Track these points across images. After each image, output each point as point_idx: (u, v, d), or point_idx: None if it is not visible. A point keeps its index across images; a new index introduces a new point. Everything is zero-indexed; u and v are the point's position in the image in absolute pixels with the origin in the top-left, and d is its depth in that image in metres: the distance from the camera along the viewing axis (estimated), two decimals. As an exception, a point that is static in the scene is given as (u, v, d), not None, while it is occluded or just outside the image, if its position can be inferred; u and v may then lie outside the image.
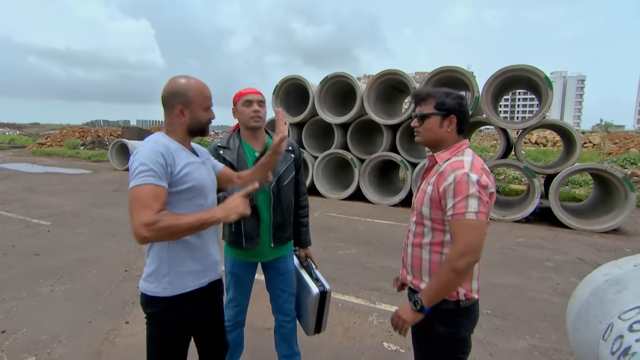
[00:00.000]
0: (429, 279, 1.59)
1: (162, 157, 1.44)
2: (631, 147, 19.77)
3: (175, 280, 1.56)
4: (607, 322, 1.90)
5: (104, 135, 26.82)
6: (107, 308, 3.46)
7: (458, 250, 1.44)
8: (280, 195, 2.13)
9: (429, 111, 1.59)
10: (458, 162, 1.52)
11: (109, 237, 5.64)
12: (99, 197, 8.70)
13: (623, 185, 6.89)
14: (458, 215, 1.44)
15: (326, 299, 2.18)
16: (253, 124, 2.06)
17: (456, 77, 8.30)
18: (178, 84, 1.57)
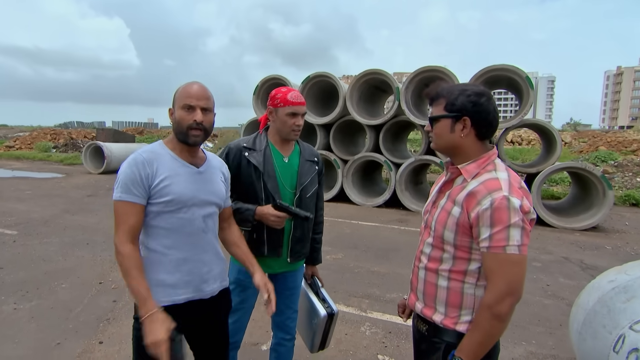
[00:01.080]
0: (444, 309, 1.35)
1: (137, 169, 1.43)
2: (600, 145, 20.45)
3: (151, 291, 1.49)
4: (618, 333, 1.81)
5: (78, 138, 25.85)
6: (78, 326, 3.19)
7: (498, 291, 1.21)
8: (302, 207, 1.94)
9: (438, 113, 1.35)
10: (493, 181, 1.25)
11: (82, 246, 5.31)
12: (72, 203, 8.27)
13: (601, 183, 7.01)
14: (497, 248, 1.20)
15: (333, 321, 2.05)
16: (293, 136, 1.93)
17: (438, 77, 8.27)
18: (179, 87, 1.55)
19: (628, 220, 7.83)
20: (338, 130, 9.25)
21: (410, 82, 8.38)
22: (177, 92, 1.51)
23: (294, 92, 1.90)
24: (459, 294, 1.33)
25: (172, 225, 1.49)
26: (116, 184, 1.44)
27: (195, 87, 1.50)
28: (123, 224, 1.41)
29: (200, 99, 1.48)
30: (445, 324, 1.35)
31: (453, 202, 1.32)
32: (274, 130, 1.96)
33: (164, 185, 1.46)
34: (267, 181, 1.88)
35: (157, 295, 1.47)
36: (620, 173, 12.07)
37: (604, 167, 12.90)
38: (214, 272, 1.61)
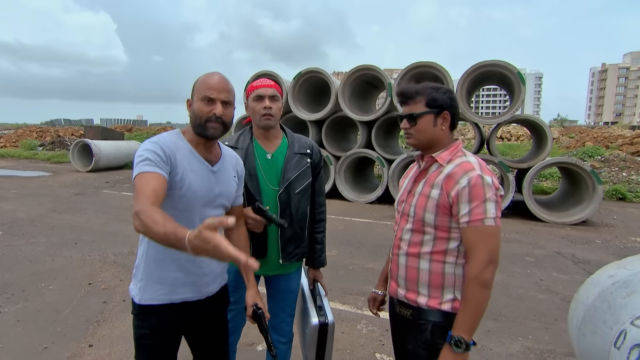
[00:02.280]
0: (427, 291, 1.44)
1: (160, 148, 1.35)
2: (587, 141, 20.76)
3: (146, 288, 1.45)
4: (619, 329, 1.80)
5: (65, 135, 25.40)
6: (66, 329, 3.09)
7: (482, 261, 1.32)
8: (291, 205, 1.86)
9: (420, 110, 1.43)
10: (466, 163, 1.40)
11: (71, 246, 5.18)
12: (60, 202, 8.09)
13: (591, 177, 7.08)
14: (476, 222, 1.33)
15: (328, 333, 1.88)
16: (264, 122, 1.81)
17: (431, 73, 8.27)
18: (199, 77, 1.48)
19: (616, 215, 7.93)
20: (330, 126, 9.20)
21: (402, 77, 8.35)
22: (197, 82, 1.45)
23: (261, 78, 1.86)
24: (440, 274, 1.42)
25: (180, 222, 1.33)
26: (136, 164, 1.32)
27: (216, 78, 1.43)
28: (143, 191, 1.21)
29: (221, 92, 1.42)
30: (431, 305, 1.43)
31: (431, 187, 1.43)
32: (253, 124, 1.90)
33: (181, 177, 1.39)
34: (248, 181, 1.80)
35: (155, 292, 1.44)
36: (607, 168, 12.24)
37: (591, 162, 13.07)
38: (214, 274, 1.56)
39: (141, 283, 1.45)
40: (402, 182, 1.66)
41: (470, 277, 1.33)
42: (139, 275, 1.46)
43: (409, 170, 1.69)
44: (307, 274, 2.12)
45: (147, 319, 1.45)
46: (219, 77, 1.44)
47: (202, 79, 1.44)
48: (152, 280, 1.44)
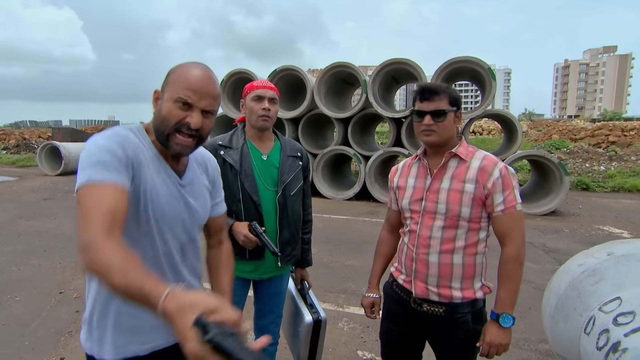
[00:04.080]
0: (460, 284, 1.51)
1: (118, 146, 0.98)
2: (553, 134, 21.58)
3: (104, 339, 1.09)
4: (588, 315, 1.87)
5: (31, 138, 24.33)
6: (35, 343, 2.95)
7: (518, 243, 1.46)
8: (287, 206, 1.86)
9: (446, 107, 1.47)
10: (489, 156, 1.52)
11: (39, 253, 4.97)
12: (26, 208, 7.74)
13: (558, 169, 7.36)
14: (510, 209, 1.45)
15: (321, 329, 1.93)
16: (261, 123, 1.80)
17: (405, 69, 8.38)
18: (176, 65, 1.11)
19: (581, 204, 8.28)
20: (306, 124, 9.18)
21: (377, 74, 8.42)
22: (174, 74, 1.08)
23: (261, 79, 1.85)
24: (472, 265, 1.51)
25: (142, 249, 1.07)
26: (82, 167, 0.96)
27: (200, 75, 1.06)
28: (92, 213, 0.88)
29: (204, 97, 1.05)
30: (466, 296, 1.51)
31: (462, 182, 1.48)
32: (248, 124, 1.87)
33: (141, 190, 1.04)
34: (245, 180, 1.78)
35: (114, 344, 1.09)
36: (572, 160, 12.76)
37: (557, 154, 13.60)
38: None
39: (97, 332, 1.10)
40: (401, 181, 1.65)
41: (511, 258, 1.46)
42: (93, 321, 1.11)
43: (405, 168, 1.68)
44: (294, 274, 2.13)
45: None
46: (204, 75, 1.07)
47: (180, 72, 1.07)
48: (110, 327, 1.10)
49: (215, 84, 1.09)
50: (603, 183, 9.95)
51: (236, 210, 1.81)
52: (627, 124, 19.87)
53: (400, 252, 1.67)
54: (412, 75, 8.43)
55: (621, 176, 10.41)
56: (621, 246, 2.04)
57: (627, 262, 1.90)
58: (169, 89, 1.06)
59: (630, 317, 1.62)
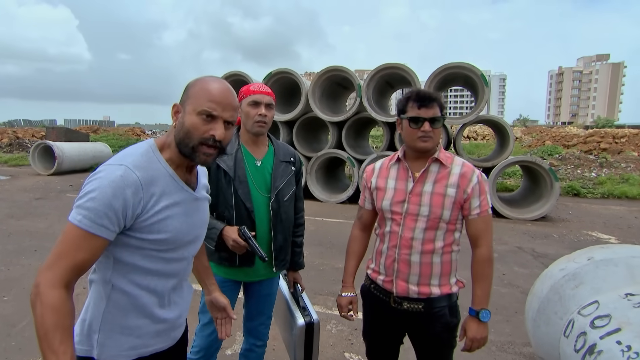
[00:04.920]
0: (439, 281, 1.60)
1: (123, 194, 1.03)
2: (546, 140, 21.80)
3: (107, 341, 1.14)
4: (568, 318, 1.91)
5: (25, 137, 24.15)
6: (22, 343, 2.94)
7: (490, 244, 1.58)
8: (281, 212, 1.87)
9: (439, 114, 1.56)
10: (466, 162, 1.62)
11: (29, 253, 4.95)
12: (18, 207, 7.69)
13: (549, 175, 7.44)
14: (484, 212, 1.57)
15: (314, 331, 1.93)
16: (257, 129, 1.80)
17: (399, 74, 8.45)
18: (193, 79, 1.18)
19: (571, 210, 8.37)
20: (301, 127, 9.22)
21: (371, 79, 8.48)
22: (194, 88, 1.14)
23: (259, 84, 1.83)
24: (449, 263, 1.61)
25: (154, 267, 1.16)
26: (83, 198, 1.03)
27: (221, 88, 1.13)
28: (67, 258, 1.00)
29: (227, 109, 1.12)
30: (443, 292, 1.61)
31: (445, 186, 1.56)
32: (243, 128, 1.87)
33: (160, 218, 1.11)
34: (238, 187, 1.78)
35: (120, 347, 1.17)
36: (563, 166, 12.89)
37: (550, 160, 13.74)
38: (184, 315, 1.34)
39: (99, 335, 1.14)
40: (380, 182, 1.68)
41: (484, 259, 1.57)
42: (95, 324, 1.14)
43: (383, 169, 1.70)
44: (286, 277, 2.14)
45: None
46: (225, 88, 1.14)
47: (201, 86, 1.13)
48: (117, 331, 1.15)
49: (235, 96, 1.17)
50: (593, 189, 10.07)
51: (228, 216, 1.80)
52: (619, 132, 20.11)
53: (378, 255, 1.70)
54: (406, 80, 8.50)
55: (611, 183, 10.53)
56: (601, 251, 2.09)
57: (605, 267, 1.95)
58: (190, 102, 1.11)
59: (606, 320, 1.66)
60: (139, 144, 1.18)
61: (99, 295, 1.15)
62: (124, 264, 1.12)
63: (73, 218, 1.02)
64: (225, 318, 1.52)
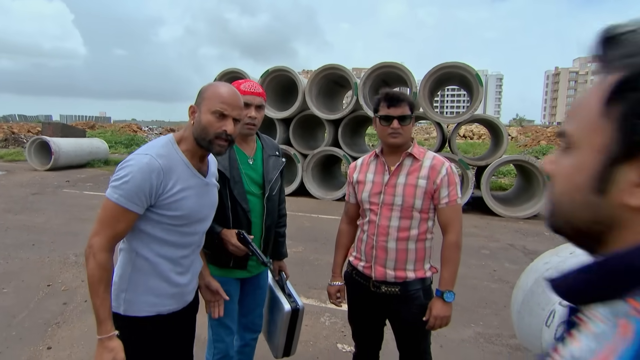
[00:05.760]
0: (413, 266, 1.73)
1: (149, 178, 1.30)
2: (542, 140, 21.97)
3: (133, 299, 1.41)
4: (550, 309, 2.00)
5: (20, 132, 24.00)
6: (22, 333, 3.01)
7: (458, 231, 1.70)
8: (271, 205, 1.92)
9: (408, 113, 1.68)
10: (437, 156, 1.75)
11: (28, 247, 4.99)
12: (15, 202, 7.71)
13: (541, 174, 7.55)
14: (453, 202, 1.69)
15: (298, 317, 1.99)
16: (246, 131, 1.82)
17: (395, 73, 8.52)
18: (205, 85, 1.45)
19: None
20: (297, 124, 9.28)
21: (367, 77, 8.55)
22: (207, 91, 1.40)
23: (249, 83, 1.82)
24: (423, 250, 1.74)
25: (171, 238, 1.41)
26: (118, 181, 1.30)
27: (230, 92, 1.40)
28: (110, 228, 1.30)
29: (235, 108, 1.38)
30: (418, 276, 1.73)
31: (417, 178, 1.70)
32: None
33: (177, 198, 1.37)
34: (234, 188, 1.78)
35: (142, 304, 1.42)
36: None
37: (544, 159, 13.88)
38: (195, 282, 1.59)
39: (126, 294, 1.40)
40: (361, 176, 1.82)
41: (452, 244, 1.69)
42: (123, 284, 1.40)
43: (363, 165, 1.85)
44: (271, 266, 2.19)
45: (133, 330, 1.42)
46: (233, 92, 1.41)
47: (213, 90, 1.39)
48: (140, 292, 1.41)
49: (240, 98, 1.43)
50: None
51: (223, 217, 1.78)
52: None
53: (359, 242, 1.83)
54: (402, 79, 8.58)
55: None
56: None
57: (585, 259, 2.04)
58: (205, 103, 1.37)
59: (584, 310, 1.75)
60: (160, 137, 1.45)
61: (126, 262, 1.41)
62: (147, 235, 1.38)
63: (111, 196, 1.30)
64: (218, 300, 1.70)
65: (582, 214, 0.47)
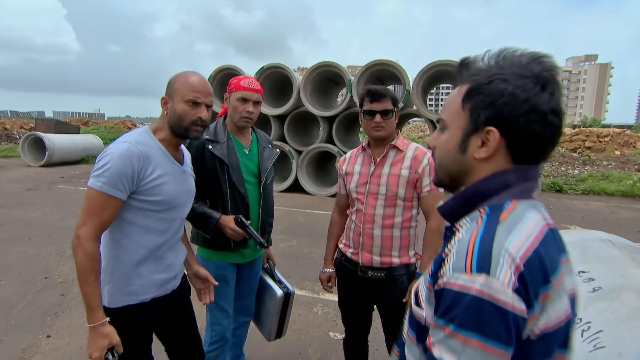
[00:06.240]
0: (398, 252, 1.82)
1: (130, 163, 1.33)
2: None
3: (116, 291, 1.43)
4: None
5: (13, 128, 23.79)
6: (22, 322, 3.08)
7: (439, 217, 1.73)
8: (267, 194, 2.02)
9: (391, 107, 1.77)
10: (419, 147, 1.85)
11: (24, 241, 5.04)
12: (10, 198, 7.72)
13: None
14: (434, 190, 1.78)
15: (289, 301, 2.10)
16: (243, 124, 1.92)
17: (389, 71, 8.62)
18: (174, 75, 1.49)
19: (552, 205, 8.66)
20: (292, 121, 9.35)
21: (362, 74, 8.64)
22: (176, 82, 1.45)
23: (249, 79, 1.91)
24: (407, 237, 1.82)
25: (152, 225, 1.44)
26: (99, 170, 1.32)
27: (199, 80, 1.45)
28: (96, 217, 1.31)
29: (207, 95, 1.45)
30: (402, 261, 1.82)
31: (400, 168, 1.79)
32: (229, 119, 1.96)
33: (157, 184, 1.40)
34: (232, 174, 1.86)
35: (123, 295, 1.43)
36: (548, 163, 13.23)
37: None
38: (177, 270, 1.61)
39: (109, 286, 1.42)
40: (349, 168, 1.92)
41: (434, 230, 1.77)
42: (106, 278, 1.42)
43: (352, 157, 1.95)
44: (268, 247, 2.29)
45: (119, 321, 1.42)
46: (202, 79, 1.46)
47: (183, 80, 1.44)
48: (122, 281, 1.42)
49: (209, 85, 1.50)
50: (575, 186, 10.38)
51: (223, 203, 1.88)
52: (603, 131, 20.57)
53: (348, 230, 1.93)
54: (396, 76, 8.68)
55: (592, 180, 10.86)
56: (565, 236, 2.29)
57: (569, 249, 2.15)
58: (177, 94, 1.43)
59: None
60: (136, 129, 1.50)
61: (108, 254, 1.42)
62: (128, 223, 1.41)
63: (94, 185, 1.32)
64: (208, 287, 1.75)
65: (453, 167, 0.80)
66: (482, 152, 0.75)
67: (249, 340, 2.56)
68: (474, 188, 0.76)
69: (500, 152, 0.75)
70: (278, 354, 2.77)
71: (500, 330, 0.61)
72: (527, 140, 0.73)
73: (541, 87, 0.71)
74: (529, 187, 0.75)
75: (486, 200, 0.75)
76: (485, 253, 0.65)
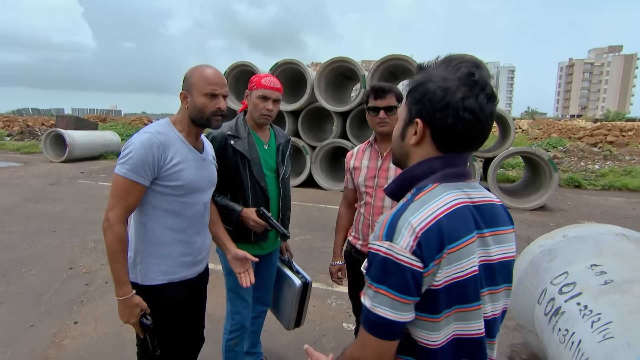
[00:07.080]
0: None
1: (151, 152, 1.45)
2: (553, 133, 21.75)
3: (147, 270, 1.56)
4: (542, 288, 2.14)
5: (35, 125, 24.54)
6: (51, 309, 3.25)
7: None
8: (285, 187, 2.10)
9: (395, 103, 1.81)
10: None
11: (49, 234, 5.25)
12: (34, 192, 8.01)
13: (548, 166, 7.59)
14: None
15: (308, 290, 2.16)
16: (262, 120, 1.98)
17: (403, 66, 8.58)
18: (189, 69, 1.57)
19: (570, 200, 8.52)
20: (306, 117, 9.41)
21: (375, 70, 8.63)
22: (193, 76, 1.54)
23: (270, 77, 1.96)
24: None
25: (175, 209, 1.55)
26: (124, 158, 1.44)
27: (214, 73, 1.54)
28: (123, 201, 1.44)
29: (222, 87, 1.55)
30: None
31: None
32: (249, 115, 2.02)
33: (176, 170, 1.51)
34: (253, 168, 1.94)
35: (155, 273, 1.56)
36: (567, 158, 12.98)
37: (554, 152, 13.81)
38: (204, 253, 1.72)
39: (141, 265, 1.55)
40: (357, 163, 1.97)
41: None
42: (137, 258, 1.55)
43: (359, 152, 2.00)
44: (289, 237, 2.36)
45: (150, 297, 1.54)
46: (216, 72, 1.55)
47: (198, 74, 1.53)
48: (151, 262, 1.55)
49: (223, 76, 1.59)
50: (595, 181, 10.17)
51: (244, 197, 1.95)
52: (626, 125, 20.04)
53: (357, 222, 1.98)
54: (410, 71, 8.63)
55: (613, 175, 10.62)
56: (575, 229, 2.30)
57: (577, 243, 2.16)
58: (195, 88, 1.53)
59: (572, 287, 1.88)
60: (157, 120, 1.61)
61: (137, 236, 1.56)
62: (153, 207, 1.53)
63: (119, 171, 1.44)
64: (247, 270, 1.82)
65: (398, 150, 1.00)
66: (413, 139, 0.92)
67: (265, 330, 2.64)
68: (408, 172, 0.94)
69: (427, 141, 0.91)
70: (293, 343, 2.85)
71: (400, 282, 0.80)
72: (444, 131, 0.88)
73: (460, 89, 0.85)
74: (453, 172, 0.91)
75: (417, 183, 0.92)
76: (393, 225, 0.83)
